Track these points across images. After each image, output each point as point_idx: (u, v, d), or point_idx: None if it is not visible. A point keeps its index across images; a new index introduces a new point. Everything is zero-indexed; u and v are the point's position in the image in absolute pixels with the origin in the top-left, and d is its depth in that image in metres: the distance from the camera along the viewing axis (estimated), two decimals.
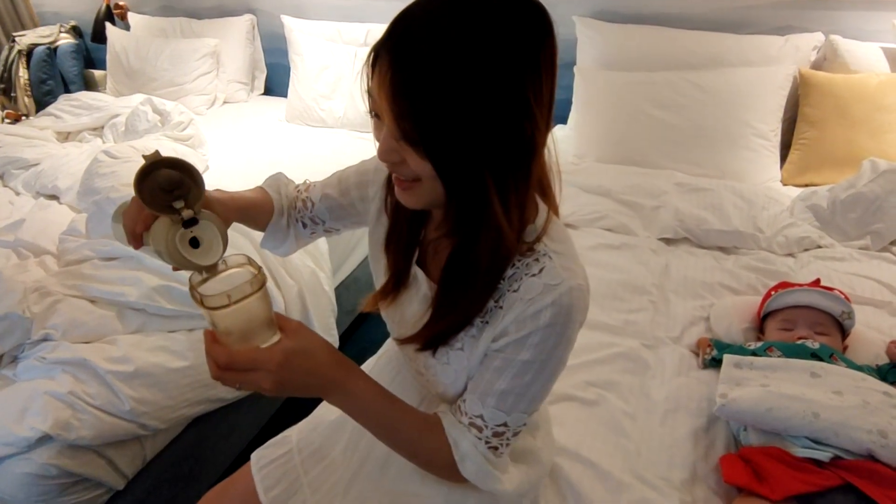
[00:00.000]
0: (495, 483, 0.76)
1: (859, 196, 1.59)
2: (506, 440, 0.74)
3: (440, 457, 0.75)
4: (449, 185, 0.63)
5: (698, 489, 0.96)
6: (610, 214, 1.75)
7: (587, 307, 0.71)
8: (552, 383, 0.74)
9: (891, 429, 0.90)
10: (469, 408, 0.74)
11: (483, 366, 0.73)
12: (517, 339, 0.68)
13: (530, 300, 0.67)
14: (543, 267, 0.67)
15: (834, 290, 1.21)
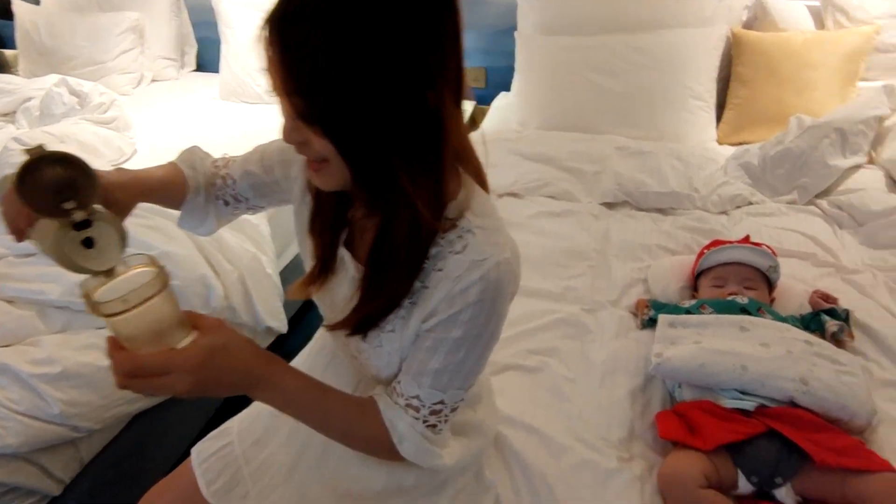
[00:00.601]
0: (435, 459, 0.76)
1: (787, 152, 1.65)
2: (444, 417, 0.74)
3: (378, 440, 0.74)
4: (353, 165, 0.60)
5: (636, 446, 0.99)
6: (553, 181, 1.76)
7: (517, 279, 0.71)
8: (486, 357, 0.74)
9: (811, 376, 0.95)
10: (404, 389, 0.73)
11: (415, 346, 0.72)
12: (447, 318, 0.67)
13: (457, 278, 0.65)
14: (467, 243, 0.66)
15: (762, 245, 1.25)
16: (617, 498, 0.89)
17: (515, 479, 0.94)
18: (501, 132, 2.12)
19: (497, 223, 0.70)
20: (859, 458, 0.87)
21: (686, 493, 0.87)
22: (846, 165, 1.61)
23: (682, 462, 0.90)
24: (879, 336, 1.16)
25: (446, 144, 0.63)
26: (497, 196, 1.74)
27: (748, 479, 0.89)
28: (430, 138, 0.61)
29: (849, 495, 0.86)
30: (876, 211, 1.49)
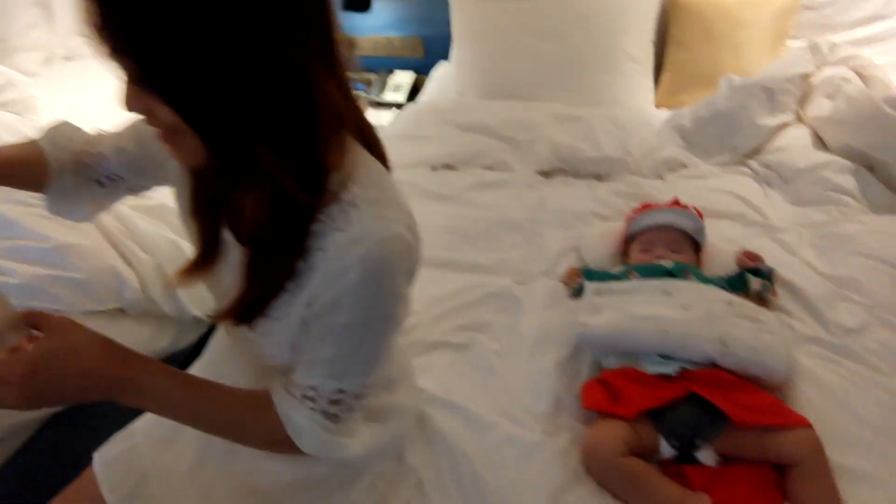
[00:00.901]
0: (341, 451, 0.71)
1: (717, 113, 1.64)
2: (346, 407, 0.69)
3: (274, 436, 0.70)
4: (204, 136, 0.54)
5: (562, 418, 0.97)
6: (488, 152, 1.71)
7: (411, 255, 0.66)
8: (385, 342, 0.69)
9: (730, 336, 0.95)
10: (299, 379, 0.68)
11: (306, 334, 0.67)
12: (331, 302, 0.62)
13: (336, 257, 0.60)
14: (350, 218, 0.61)
15: (688, 207, 1.24)
16: (540, 472, 0.88)
17: (439, 460, 0.90)
18: (437, 103, 2.06)
19: (388, 195, 0.65)
20: (776, 415, 0.88)
21: (606, 462, 0.86)
22: (774, 124, 1.62)
23: (603, 432, 0.89)
24: (802, 293, 1.17)
25: (318, 110, 0.57)
26: (432, 169, 1.68)
27: (669, 444, 0.88)
28: (296, 104, 0.55)
29: (767, 452, 0.86)
30: (801, 168, 1.50)
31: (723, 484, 0.86)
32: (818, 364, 1.03)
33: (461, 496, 0.86)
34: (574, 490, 0.86)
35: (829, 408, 0.96)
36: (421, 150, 1.75)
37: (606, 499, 0.86)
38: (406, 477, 0.87)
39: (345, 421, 0.71)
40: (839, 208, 1.40)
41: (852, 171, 1.45)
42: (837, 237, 1.31)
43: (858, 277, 1.19)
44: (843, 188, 1.42)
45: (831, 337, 1.08)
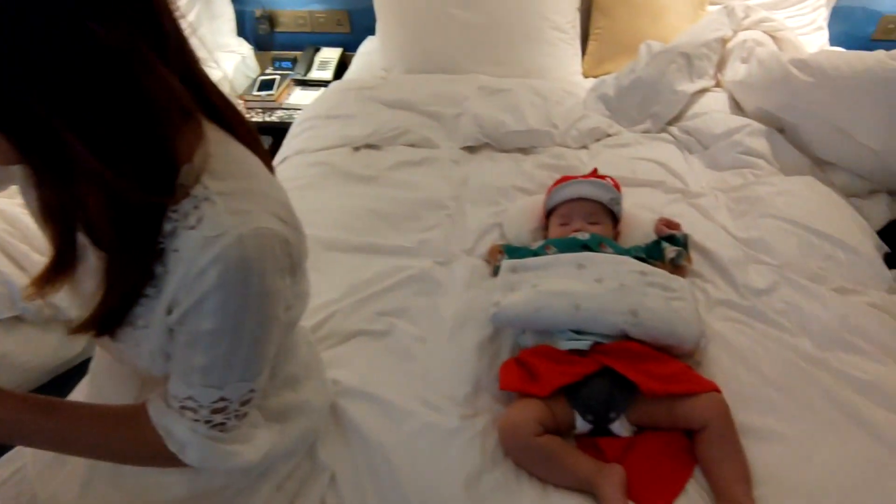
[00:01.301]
0: (232, 459, 0.67)
1: (638, 80, 1.64)
2: (233, 413, 0.65)
3: (154, 451, 0.65)
4: (4, 131, 0.47)
5: (481, 401, 0.96)
6: (412, 129, 1.66)
7: (284, 248, 0.61)
8: (267, 343, 0.64)
9: (641, 306, 0.95)
10: (176, 390, 0.63)
11: (174, 342, 0.61)
12: (191, 309, 0.57)
13: (190, 259, 0.55)
14: (203, 215, 0.55)
15: (606, 178, 1.23)
16: (456, 458, 0.86)
17: (354, 454, 0.88)
18: (361, 80, 1.98)
19: (249, 185, 0.60)
20: (685, 383, 0.89)
21: (522, 443, 0.85)
22: (693, 90, 1.63)
23: (518, 413, 0.88)
24: (715, 257, 1.19)
25: (152, 100, 0.51)
26: (354, 149, 1.62)
27: (584, 418, 0.89)
28: (118, 94, 0.49)
29: (677, 419, 0.88)
30: (718, 133, 1.52)
31: (636, 453, 0.87)
32: (728, 327, 1.05)
33: (376, 490, 0.84)
34: (491, 473, 0.85)
35: (738, 370, 0.98)
36: (343, 129, 1.68)
37: (523, 479, 0.85)
38: (318, 476, 0.84)
39: (234, 428, 0.66)
40: (753, 171, 1.43)
41: (765, 134, 1.48)
42: (750, 200, 1.33)
43: (768, 239, 1.21)
44: (756, 151, 1.45)
45: (741, 299, 1.10)
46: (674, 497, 0.82)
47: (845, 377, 0.95)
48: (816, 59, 1.38)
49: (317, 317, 1.10)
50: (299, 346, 0.83)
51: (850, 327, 1.02)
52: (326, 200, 1.41)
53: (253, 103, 2.26)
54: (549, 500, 0.83)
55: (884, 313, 1.06)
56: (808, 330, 1.04)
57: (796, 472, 0.84)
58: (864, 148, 1.31)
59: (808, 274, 1.14)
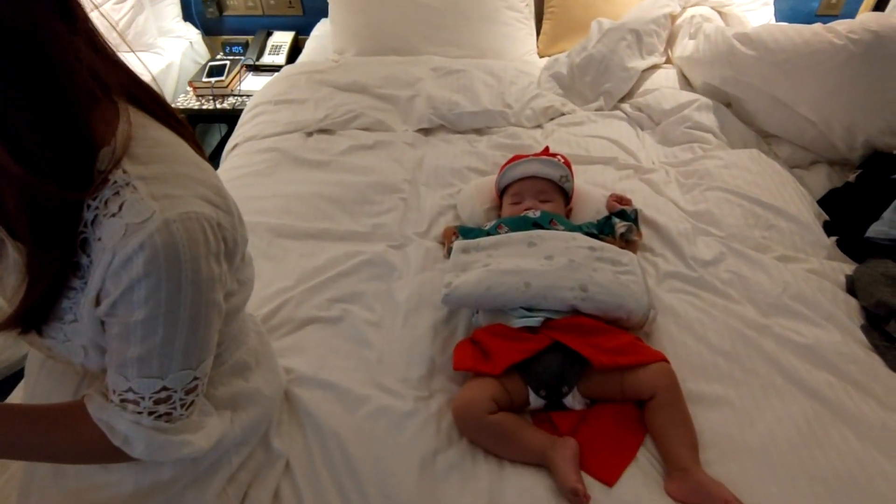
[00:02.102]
0: (182, 449, 0.65)
1: (590, 58, 1.64)
2: (179, 403, 0.63)
3: (96, 447, 0.63)
4: None
5: (436, 382, 0.96)
6: (365, 112, 1.63)
7: (217, 232, 0.59)
8: (206, 330, 0.63)
9: (590, 281, 0.96)
10: (114, 384, 0.61)
11: (107, 334, 0.59)
12: (120, 299, 0.55)
13: (115, 248, 0.53)
14: (124, 201, 0.53)
15: (557, 155, 1.24)
16: (412, 439, 0.86)
17: (308, 442, 0.87)
18: (313, 63, 1.93)
19: (174, 169, 0.57)
20: (633, 354, 0.90)
21: (476, 421, 0.86)
22: (643, 66, 1.64)
23: (472, 392, 0.88)
24: (665, 231, 1.21)
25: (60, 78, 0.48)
26: (306, 135, 1.58)
27: (537, 394, 0.89)
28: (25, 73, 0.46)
29: (627, 390, 0.89)
30: (667, 109, 1.54)
31: (588, 425, 0.88)
32: (677, 298, 1.08)
33: (331, 476, 0.83)
34: (446, 453, 0.85)
35: (686, 339, 1.00)
36: (295, 114, 1.64)
37: (478, 457, 0.86)
38: (272, 464, 0.83)
39: (180, 418, 0.65)
40: (702, 146, 1.45)
41: (713, 108, 1.50)
42: (699, 174, 1.36)
43: (714, 211, 1.24)
44: (704, 126, 1.47)
45: (690, 271, 1.12)
46: (624, 465, 0.83)
47: (786, 342, 0.99)
48: (758, 32, 1.41)
49: (269, 305, 1.08)
50: (248, 335, 0.82)
51: (791, 294, 1.06)
52: (277, 187, 1.38)
53: (203, 90, 2.18)
54: (505, 475, 0.83)
55: (822, 279, 1.10)
56: (753, 298, 1.07)
57: (741, 435, 0.87)
58: (804, 120, 1.35)
59: (753, 244, 1.17)
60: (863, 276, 1.08)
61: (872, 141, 1.30)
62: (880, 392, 0.90)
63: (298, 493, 0.80)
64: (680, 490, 0.79)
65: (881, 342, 0.98)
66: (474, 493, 0.81)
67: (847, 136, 1.31)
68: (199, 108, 2.13)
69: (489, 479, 0.82)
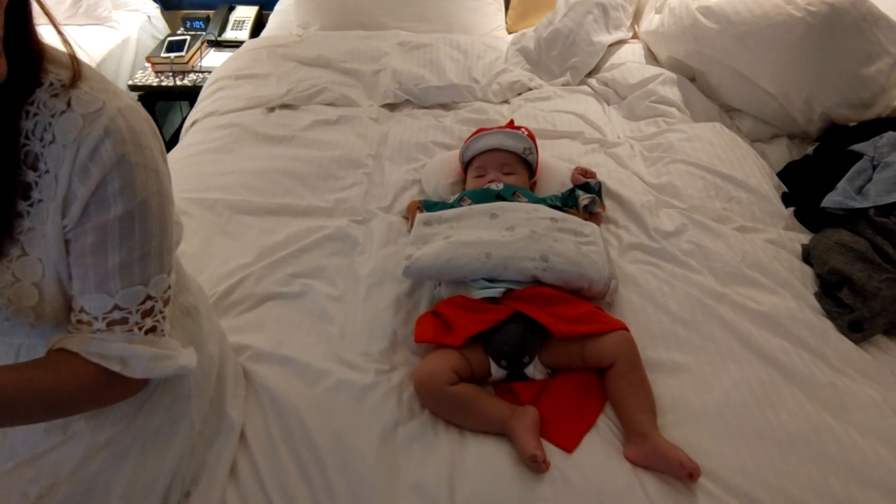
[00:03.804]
0: (175, 362, 0.65)
1: (557, 32, 1.63)
2: (160, 315, 0.63)
3: (88, 388, 0.61)
4: None
5: (398, 355, 0.95)
6: (330, 86, 1.59)
7: (157, 135, 0.60)
8: (170, 227, 0.62)
9: (552, 252, 0.96)
10: (95, 310, 0.59)
11: (77, 254, 0.57)
12: (93, 198, 0.54)
13: (76, 141, 0.52)
14: (70, 97, 0.53)
15: (521, 128, 1.22)
16: (372, 412, 0.85)
17: (267, 417, 0.85)
18: (275, 38, 1.87)
19: (99, 74, 0.58)
20: (593, 323, 0.91)
21: (437, 392, 0.85)
22: (610, 41, 1.64)
23: (433, 363, 0.87)
24: (628, 203, 1.21)
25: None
26: (268, 110, 1.54)
27: (498, 364, 0.89)
28: None
29: (587, 358, 0.90)
30: (633, 83, 1.54)
31: (549, 394, 0.89)
32: (639, 269, 1.08)
33: (290, 449, 0.81)
34: (406, 425, 0.85)
35: (647, 308, 1.01)
36: (256, 89, 1.59)
37: (440, 428, 0.85)
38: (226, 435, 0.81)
39: (164, 333, 0.64)
40: (666, 119, 1.46)
41: (677, 82, 1.51)
42: (663, 147, 1.37)
43: (677, 183, 1.25)
44: (668, 100, 1.48)
45: (652, 242, 1.13)
46: (584, 432, 0.84)
47: (743, 309, 1.00)
48: (720, 5, 1.41)
49: (227, 282, 1.05)
50: (191, 281, 0.81)
51: (750, 263, 1.08)
52: (237, 163, 1.34)
53: (161, 66, 2.10)
54: (466, 444, 0.83)
55: (780, 248, 1.12)
56: (712, 268, 1.08)
57: (698, 400, 0.88)
58: (765, 92, 1.37)
59: (714, 215, 1.19)
60: (817, 245, 1.10)
61: (829, 113, 1.32)
62: (831, 355, 0.93)
63: (256, 467, 0.79)
64: (638, 454, 0.80)
65: (833, 308, 1.00)
66: (435, 462, 0.80)
67: (805, 108, 1.33)
68: (159, 85, 2.05)
69: (450, 449, 0.82)
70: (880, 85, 1.26)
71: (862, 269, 1.00)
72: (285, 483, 0.77)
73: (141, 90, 2.07)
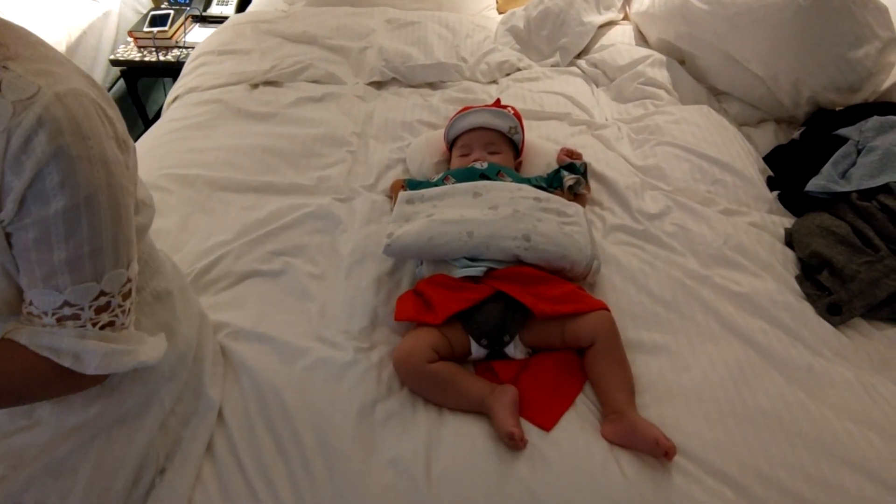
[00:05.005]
0: (133, 358, 0.63)
1: (547, 11, 1.61)
2: (118, 309, 0.60)
3: (39, 379, 0.59)
4: None
5: (378, 334, 0.95)
6: (315, 63, 1.57)
7: (110, 117, 0.56)
8: (125, 218, 0.59)
9: (534, 231, 0.95)
10: (43, 305, 0.57)
11: (19, 250, 0.55)
12: (30, 190, 0.51)
13: (6, 131, 0.49)
14: (0, 81, 0.49)
15: (507, 107, 1.21)
16: (350, 390, 0.85)
17: (244, 394, 0.84)
18: (260, 13, 1.83)
19: (45, 52, 0.54)
20: (574, 303, 0.90)
21: (416, 370, 0.85)
22: (600, 21, 1.62)
23: (412, 342, 0.87)
24: (614, 185, 1.21)
25: None
26: (251, 87, 1.51)
27: (479, 343, 0.89)
28: None
29: (568, 338, 0.90)
30: (622, 65, 1.53)
31: (529, 373, 0.89)
32: (622, 250, 1.08)
33: (267, 427, 0.81)
34: (385, 402, 0.85)
35: (629, 289, 1.01)
36: (239, 65, 1.56)
37: (418, 406, 0.85)
38: (203, 413, 0.81)
39: (123, 327, 0.62)
40: (654, 102, 1.45)
41: (666, 64, 1.50)
42: (650, 129, 1.36)
43: (663, 166, 1.25)
44: (657, 82, 1.47)
45: (636, 224, 1.13)
46: (562, 411, 0.84)
47: (724, 291, 1.01)
48: None
49: (206, 259, 1.04)
50: (163, 263, 0.79)
51: (732, 245, 1.08)
52: (218, 140, 1.31)
53: (144, 41, 2.06)
54: (444, 422, 0.83)
55: (762, 231, 1.12)
56: (695, 250, 1.08)
57: (676, 380, 0.88)
58: (753, 76, 1.36)
59: (698, 197, 1.19)
60: (800, 229, 1.10)
61: (817, 97, 1.32)
62: (808, 337, 0.94)
63: (232, 444, 0.79)
64: (614, 432, 0.80)
65: (813, 291, 1.01)
66: (412, 439, 0.80)
67: (793, 91, 1.32)
68: (141, 60, 2.01)
69: (427, 426, 0.82)
70: (868, 69, 1.26)
71: (842, 253, 1.01)
72: (262, 459, 0.77)
73: (123, 65, 2.03)
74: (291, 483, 0.75)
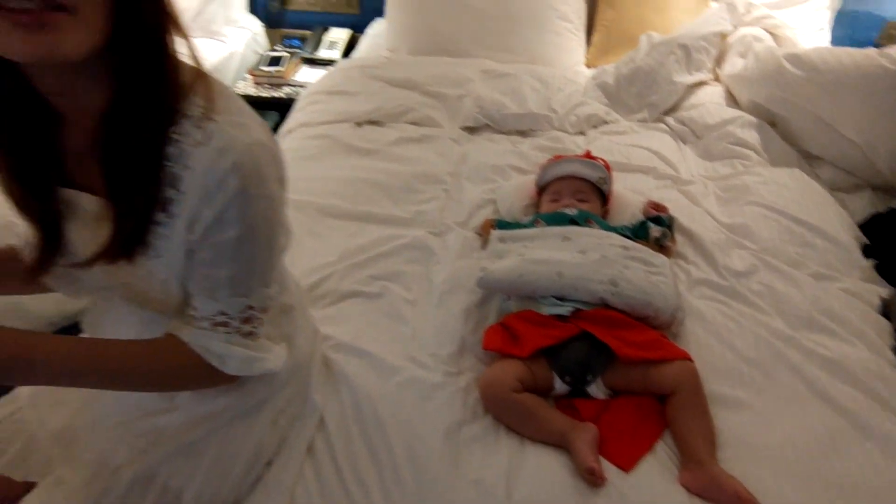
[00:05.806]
0: (265, 364, 0.74)
1: (637, 70, 1.68)
2: (258, 322, 0.72)
3: (192, 372, 0.71)
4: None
5: (465, 360, 1.01)
6: (415, 107, 1.70)
7: (278, 161, 0.67)
8: (276, 247, 0.71)
9: (621, 277, 0.99)
10: (204, 310, 0.69)
11: (196, 262, 0.66)
12: (214, 220, 0.62)
13: (207, 172, 0.60)
14: (209, 131, 0.60)
15: (596, 158, 1.27)
16: (439, 409, 0.91)
17: (343, 401, 0.92)
18: (367, 59, 2.01)
19: (237, 105, 0.65)
20: (658, 350, 0.93)
21: (501, 398, 0.90)
22: (690, 82, 1.67)
23: (499, 371, 0.92)
24: (699, 240, 1.23)
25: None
26: (356, 125, 1.66)
27: (562, 380, 0.93)
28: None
29: (650, 383, 0.92)
30: (711, 124, 1.56)
31: (610, 414, 0.92)
32: (707, 305, 1.10)
33: (362, 434, 0.88)
34: (470, 425, 0.90)
35: (712, 343, 1.03)
36: (347, 105, 1.72)
37: (501, 433, 0.90)
38: (309, 415, 0.89)
39: (259, 336, 0.73)
40: (743, 162, 1.47)
41: (756, 126, 1.51)
42: (738, 188, 1.37)
43: (750, 225, 1.26)
44: (746, 143, 1.49)
45: (721, 280, 1.14)
46: (641, 455, 0.86)
47: (812, 355, 1.00)
48: (808, 54, 1.42)
49: (314, 276, 1.15)
50: (290, 282, 0.89)
51: (822, 309, 1.07)
52: (327, 170, 1.45)
53: (261, 78, 2.30)
54: (525, 451, 0.87)
55: (855, 298, 1.11)
56: (782, 310, 1.08)
57: (759, 438, 0.88)
58: (849, 142, 1.35)
59: (787, 259, 1.19)
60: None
61: None
62: None
63: (331, 445, 0.86)
64: (694, 481, 0.81)
65: None
66: (495, 464, 0.85)
67: (892, 160, 1.31)
68: (257, 95, 2.24)
69: (509, 454, 0.86)
70: None
71: None
72: (356, 463, 0.84)
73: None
74: (382, 489, 0.81)
